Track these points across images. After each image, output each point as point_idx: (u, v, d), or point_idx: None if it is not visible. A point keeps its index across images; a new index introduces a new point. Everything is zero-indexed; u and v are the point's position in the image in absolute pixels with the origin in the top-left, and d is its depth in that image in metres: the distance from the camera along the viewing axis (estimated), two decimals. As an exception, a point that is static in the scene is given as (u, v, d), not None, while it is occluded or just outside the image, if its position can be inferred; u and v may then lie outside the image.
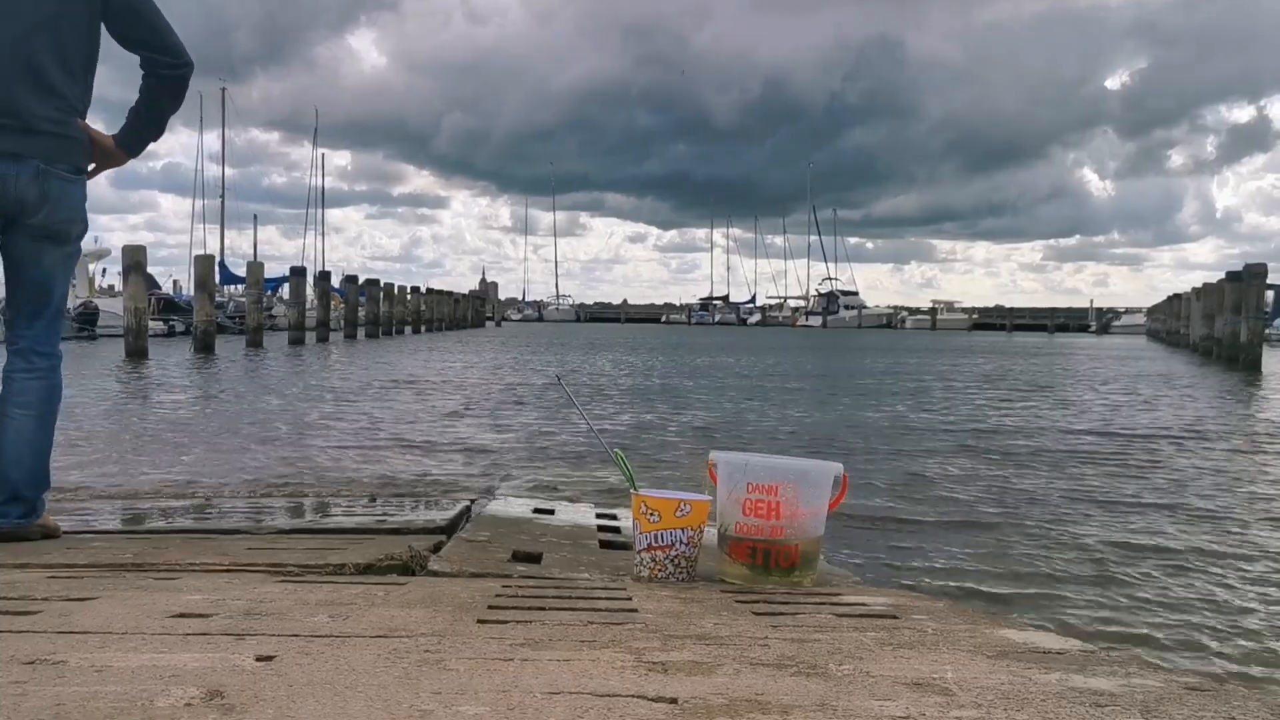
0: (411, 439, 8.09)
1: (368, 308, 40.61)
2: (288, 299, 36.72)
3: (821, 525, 2.34)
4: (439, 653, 1.47)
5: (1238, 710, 1.26)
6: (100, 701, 1.17)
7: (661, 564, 2.27)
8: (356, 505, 3.97)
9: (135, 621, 1.66)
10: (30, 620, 1.68)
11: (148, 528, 3.51)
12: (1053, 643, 1.72)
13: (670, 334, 58.05)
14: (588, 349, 30.75)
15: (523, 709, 1.19)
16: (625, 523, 3.34)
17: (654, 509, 2.26)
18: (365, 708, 1.18)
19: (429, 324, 51.31)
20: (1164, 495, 5.87)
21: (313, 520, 3.63)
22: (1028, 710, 1.24)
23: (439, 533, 3.00)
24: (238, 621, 1.67)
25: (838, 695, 1.29)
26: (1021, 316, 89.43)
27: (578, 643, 1.57)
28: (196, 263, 24.50)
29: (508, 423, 9.52)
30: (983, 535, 4.67)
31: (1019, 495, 5.78)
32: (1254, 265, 22.10)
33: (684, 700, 1.24)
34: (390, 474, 6.09)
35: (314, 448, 7.31)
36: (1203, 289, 28.09)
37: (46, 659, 1.38)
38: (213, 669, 1.34)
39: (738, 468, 2.31)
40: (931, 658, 1.54)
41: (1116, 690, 1.35)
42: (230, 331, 31.76)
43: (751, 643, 1.61)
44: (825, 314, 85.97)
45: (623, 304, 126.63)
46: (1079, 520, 5.05)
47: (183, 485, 5.38)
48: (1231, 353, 22.49)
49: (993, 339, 54.11)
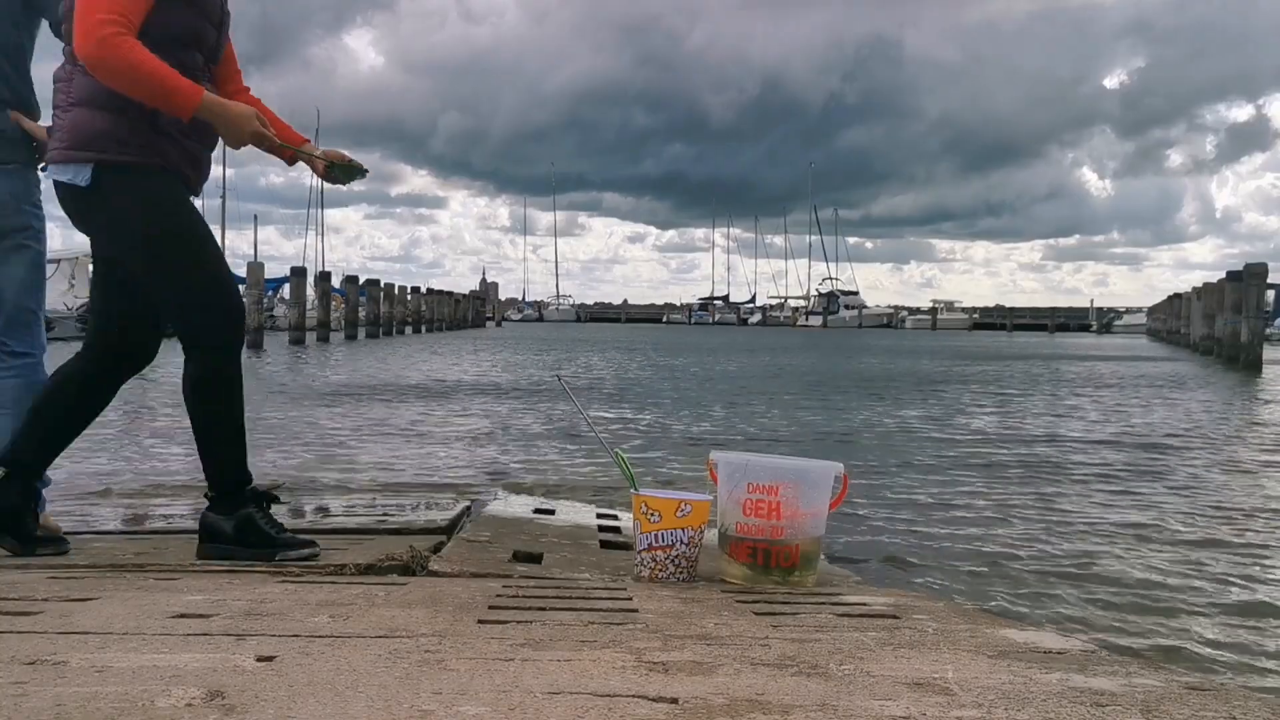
0: (412, 440, 8.09)
1: (368, 308, 40.62)
2: (288, 299, 36.70)
3: (822, 525, 2.34)
4: (439, 653, 1.47)
5: (1238, 710, 1.26)
6: (101, 702, 1.17)
7: (662, 564, 2.27)
8: (357, 505, 3.98)
9: (136, 622, 1.66)
10: (31, 620, 1.68)
11: (148, 528, 3.52)
12: (1053, 642, 1.72)
13: (671, 334, 58.04)
14: (588, 349, 30.74)
15: (523, 709, 1.19)
16: (626, 523, 3.34)
17: (654, 509, 2.26)
18: (366, 708, 1.18)
19: (429, 324, 51.31)
20: (1169, 496, 5.86)
21: (313, 520, 3.63)
22: (1028, 710, 1.24)
23: (439, 533, 3.00)
24: (238, 622, 1.67)
25: (838, 695, 1.29)
26: (1022, 316, 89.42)
27: (578, 643, 1.56)
28: (197, 263, 24.47)
29: (508, 422, 9.52)
30: (984, 535, 4.67)
31: (1020, 495, 5.78)
32: (1254, 265, 22.09)
33: (684, 700, 1.24)
34: (390, 474, 6.09)
35: (314, 447, 7.31)
36: (1203, 289, 28.08)
37: (47, 659, 1.38)
38: (213, 669, 1.34)
39: (738, 468, 2.31)
40: (932, 658, 1.54)
41: (1117, 690, 1.35)
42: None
43: (752, 643, 1.61)
44: (826, 314, 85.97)
45: (623, 304, 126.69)
46: (1081, 520, 5.05)
47: (183, 485, 5.38)
48: (1232, 352, 22.48)
49: (993, 339, 54.10)
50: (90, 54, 2.18)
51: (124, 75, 2.20)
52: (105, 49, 2.16)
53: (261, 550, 2.38)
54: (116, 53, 2.16)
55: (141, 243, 2.37)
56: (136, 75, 2.19)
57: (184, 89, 2.23)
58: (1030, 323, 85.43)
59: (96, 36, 2.16)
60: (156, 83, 2.20)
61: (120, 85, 2.22)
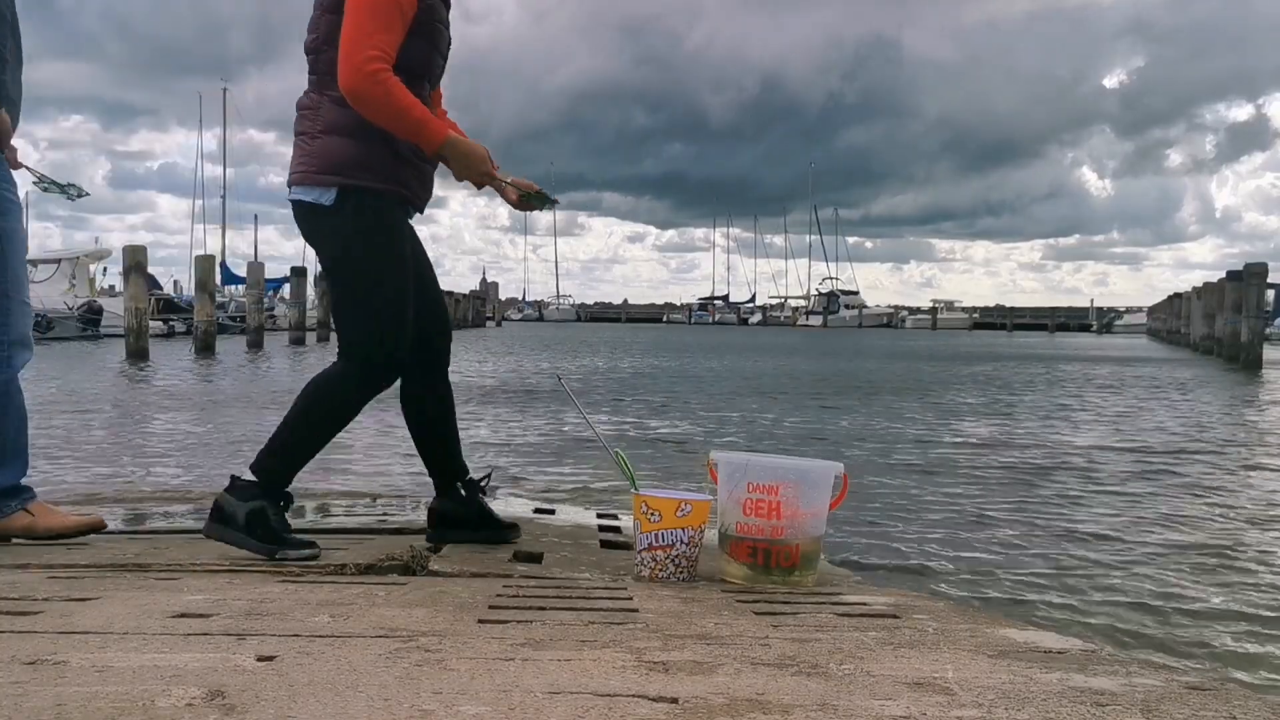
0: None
1: (369, 308, 40.51)
2: (289, 299, 36.68)
3: (822, 525, 2.34)
4: (440, 653, 1.47)
5: (1238, 709, 1.26)
6: (101, 701, 1.18)
7: (662, 564, 2.27)
8: (357, 505, 3.98)
9: (136, 621, 1.66)
10: (31, 620, 1.68)
11: (149, 528, 3.52)
12: (1054, 642, 1.72)
13: (672, 334, 58.03)
14: (589, 351, 30.74)
15: (523, 709, 1.19)
16: (626, 522, 3.34)
17: (655, 509, 2.26)
18: (366, 707, 1.18)
19: (429, 324, 51.28)
20: (1170, 498, 5.86)
21: (314, 520, 3.64)
22: (1029, 709, 1.24)
23: (440, 533, 3.00)
24: (239, 621, 1.67)
25: (839, 695, 1.29)
26: (1022, 316, 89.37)
27: (578, 642, 1.57)
28: (197, 263, 24.47)
29: (508, 422, 9.52)
30: (984, 535, 4.67)
31: (1021, 495, 5.78)
32: (1254, 265, 22.06)
33: (685, 700, 1.24)
34: (391, 474, 6.09)
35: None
36: (1203, 288, 28.06)
37: (48, 659, 1.38)
38: (214, 669, 1.34)
39: (738, 467, 2.31)
40: (932, 657, 1.54)
41: (1117, 689, 1.35)
42: (231, 332, 31.75)
43: (752, 642, 1.61)
44: (826, 314, 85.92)
45: (623, 304, 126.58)
46: (1082, 521, 5.05)
47: (183, 486, 5.38)
48: (1232, 352, 22.46)
49: (994, 339, 54.10)
50: (356, 88, 2.29)
51: (385, 110, 2.31)
52: (372, 85, 2.28)
53: (265, 545, 2.40)
54: (382, 89, 2.28)
55: (361, 259, 2.47)
56: (396, 111, 2.31)
57: (433, 128, 2.35)
58: (1030, 322, 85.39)
59: (365, 72, 2.28)
60: (411, 120, 2.32)
61: (379, 119, 2.33)
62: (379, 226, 2.47)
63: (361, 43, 2.29)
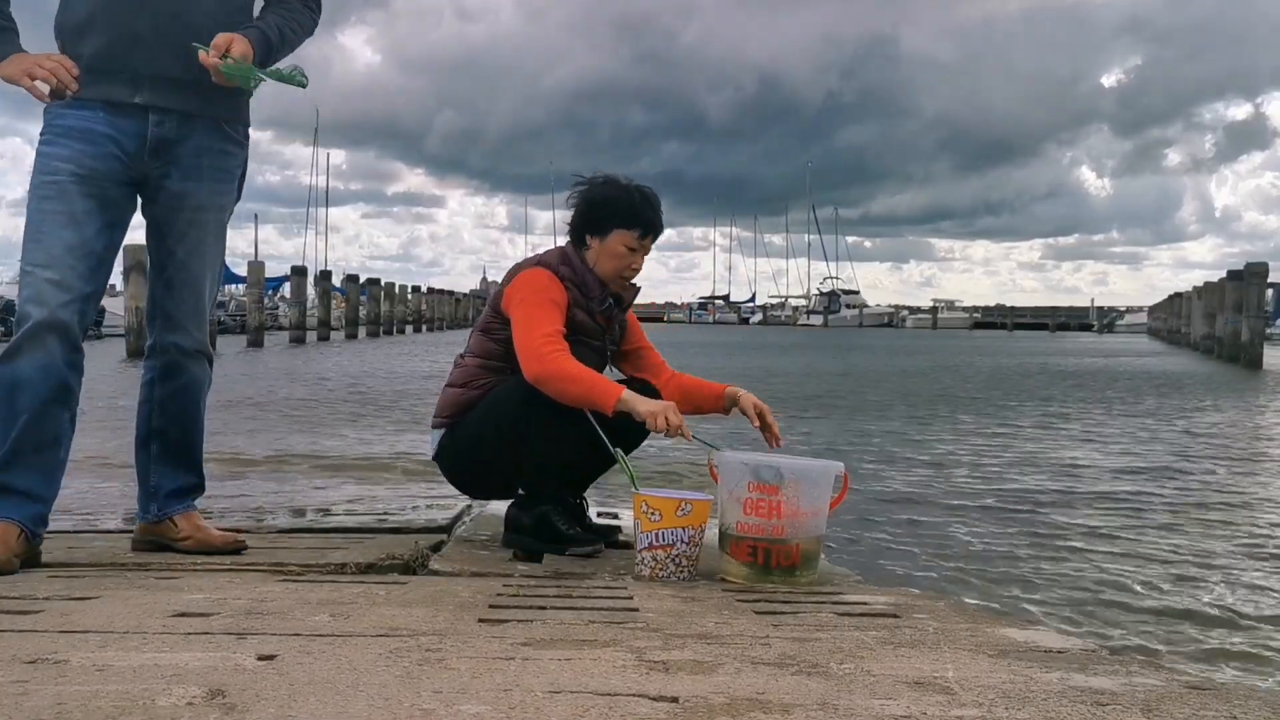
0: (412, 439, 8.08)
1: (369, 307, 40.59)
2: (289, 298, 36.68)
3: (823, 525, 2.34)
4: (440, 652, 1.47)
5: (1238, 709, 1.26)
6: (102, 701, 1.18)
7: (662, 563, 2.27)
8: (357, 504, 3.98)
9: (137, 621, 1.66)
10: (32, 619, 1.68)
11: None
12: (1054, 642, 1.72)
13: (672, 333, 57.99)
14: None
15: (524, 708, 1.19)
16: (626, 522, 3.34)
17: (655, 508, 2.26)
18: (366, 707, 1.18)
19: (430, 323, 51.33)
20: (1171, 498, 5.86)
21: (314, 519, 3.64)
22: (1029, 709, 1.24)
23: (440, 532, 3.00)
24: (239, 621, 1.67)
25: (839, 694, 1.29)
26: (1022, 315, 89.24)
27: (579, 642, 1.57)
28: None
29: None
30: (985, 535, 4.67)
31: (1022, 496, 5.78)
32: (1255, 264, 22.05)
33: (685, 699, 1.24)
34: (391, 474, 6.09)
35: (315, 447, 7.31)
36: (1204, 288, 28.04)
37: (48, 658, 1.38)
38: (214, 668, 1.34)
39: (739, 467, 2.31)
40: (933, 657, 1.54)
41: (1118, 689, 1.35)
42: (231, 331, 31.74)
43: (753, 642, 1.61)
44: (826, 313, 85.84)
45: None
46: (1082, 521, 5.04)
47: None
48: (1233, 352, 22.45)
49: (994, 339, 54.08)
50: (537, 373, 2.46)
51: (563, 385, 2.46)
52: (549, 367, 2.46)
53: (553, 545, 2.54)
54: (556, 367, 2.46)
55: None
56: (572, 382, 2.47)
57: (607, 390, 2.47)
58: (1031, 322, 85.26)
59: (541, 354, 2.47)
60: (587, 387, 2.47)
61: (560, 395, 2.47)
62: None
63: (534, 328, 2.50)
